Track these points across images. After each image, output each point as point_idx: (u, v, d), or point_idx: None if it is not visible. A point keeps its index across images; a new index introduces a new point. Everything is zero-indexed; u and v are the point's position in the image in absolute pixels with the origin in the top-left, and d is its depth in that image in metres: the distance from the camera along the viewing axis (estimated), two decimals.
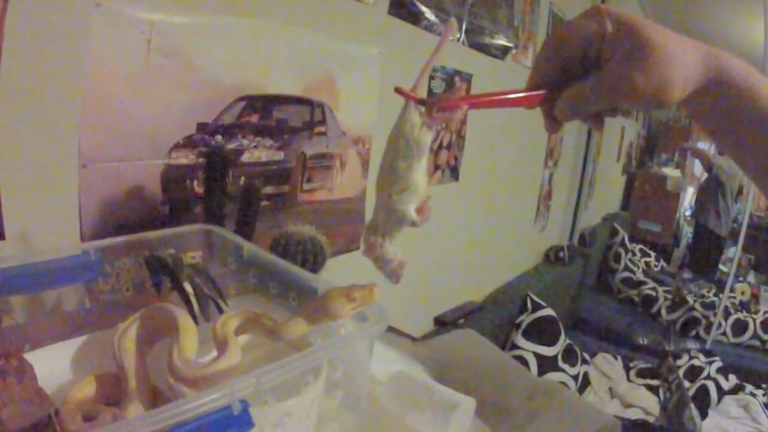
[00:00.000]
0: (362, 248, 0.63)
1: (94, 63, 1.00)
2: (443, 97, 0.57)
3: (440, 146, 2.27)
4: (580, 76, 0.58)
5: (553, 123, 0.62)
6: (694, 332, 4.47)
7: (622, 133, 6.41)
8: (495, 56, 2.60)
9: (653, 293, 4.79)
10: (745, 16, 4.92)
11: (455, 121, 0.57)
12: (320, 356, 0.69)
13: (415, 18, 1.89)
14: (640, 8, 5.65)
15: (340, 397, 0.77)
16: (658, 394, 3.32)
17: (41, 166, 0.97)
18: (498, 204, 3.11)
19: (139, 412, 0.66)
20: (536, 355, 2.87)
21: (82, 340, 0.84)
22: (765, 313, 4.61)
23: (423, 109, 0.56)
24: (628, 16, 0.55)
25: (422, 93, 0.56)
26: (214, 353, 0.69)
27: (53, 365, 0.77)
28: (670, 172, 7.74)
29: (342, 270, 1.03)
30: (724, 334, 4.43)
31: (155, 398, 0.71)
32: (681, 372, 3.40)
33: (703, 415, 3.15)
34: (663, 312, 4.66)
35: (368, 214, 0.63)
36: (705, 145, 6.99)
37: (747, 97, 0.55)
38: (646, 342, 4.13)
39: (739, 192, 6.19)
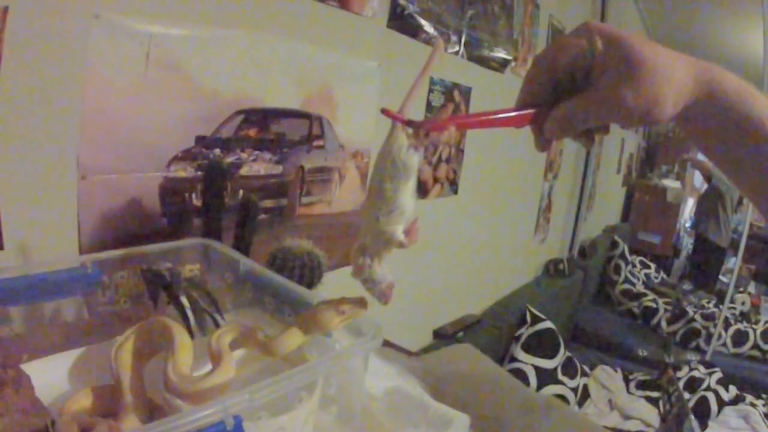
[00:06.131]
0: (351, 269, 0.63)
1: (92, 75, 1.01)
2: (431, 118, 0.57)
3: (439, 160, 2.27)
4: (570, 93, 0.57)
5: (544, 141, 0.61)
6: (694, 343, 4.45)
7: (622, 144, 6.41)
8: (494, 69, 2.61)
9: (653, 305, 4.77)
10: (744, 27, 4.93)
11: (442, 142, 0.57)
12: (315, 372, 0.69)
13: (414, 31, 1.90)
14: (640, 20, 5.67)
15: (335, 412, 0.77)
16: (657, 406, 3.30)
17: (40, 177, 0.98)
18: (497, 217, 3.11)
19: (135, 426, 0.66)
20: (536, 367, 2.86)
21: (79, 352, 0.84)
22: (765, 323, 4.59)
23: (410, 130, 0.56)
24: (619, 32, 0.55)
25: (414, 112, 0.56)
26: (210, 367, 0.69)
27: (50, 376, 0.77)
28: (670, 183, 7.74)
29: (340, 284, 1.03)
30: (724, 345, 4.41)
31: (151, 411, 0.71)
32: (681, 383, 3.38)
33: (703, 427, 3.14)
34: (663, 324, 4.64)
35: None
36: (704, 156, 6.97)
37: (739, 110, 0.55)
38: (645, 354, 4.11)
39: (739, 202, 6.17)
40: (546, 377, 2.89)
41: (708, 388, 3.44)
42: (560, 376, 2.98)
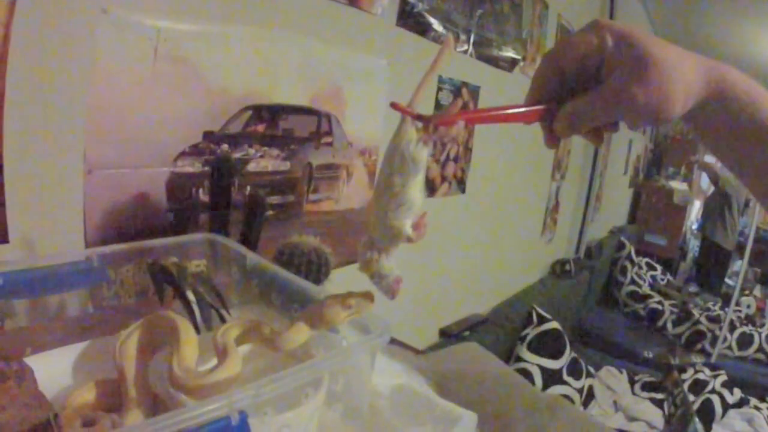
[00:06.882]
0: (359, 264, 0.63)
1: (100, 69, 1.00)
2: (440, 112, 0.56)
3: (447, 158, 2.27)
4: (579, 90, 0.57)
5: (552, 138, 0.61)
6: (699, 346, 4.44)
7: (629, 146, 6.40)
8: (503, 68, 2.60)
9: (659, 307, 4.77)
10: (753, 26, 4.91)
11: (451, 137, 0.56)
12: (321, 368, 0.69)
13: (423, 29, 1.90)
14: (648, 20, 5.65)
15: (341, 409, 0.76)
16: (662, 408, 3.30)
17: (46, 171, 0.97)
18: (505, 216, 3.11)
19: (139, 420, 0.66)
20: (541, 368, 2.86)
21: (83, 346, 0.84)
22: None
23: (419, 125, 0.56)
24: (629, 29, 0.54)
25: (423, 107, 0.56)
26: (215, 362, 0.69)
27: (54, 370, 0.77)
28: (676, 185, 7.72)
29: (347, 281, 1.03)
30: (729, 347, 4.41)
31: (155, 406, 0.70)
32: (686, 385, 3.38)
33: (708, 429, 3.14)
34: (669, 326, 4.64)
35: None
36: (712, 159, 6.96)
37: (748, 110, 0.54)
38: (651, 355, 4.11)
39: (746, 205, 6.17)
40: (551, 377, 2.89)
41: (712, 391, 3.43)
42: (565, 377, 2.97)
